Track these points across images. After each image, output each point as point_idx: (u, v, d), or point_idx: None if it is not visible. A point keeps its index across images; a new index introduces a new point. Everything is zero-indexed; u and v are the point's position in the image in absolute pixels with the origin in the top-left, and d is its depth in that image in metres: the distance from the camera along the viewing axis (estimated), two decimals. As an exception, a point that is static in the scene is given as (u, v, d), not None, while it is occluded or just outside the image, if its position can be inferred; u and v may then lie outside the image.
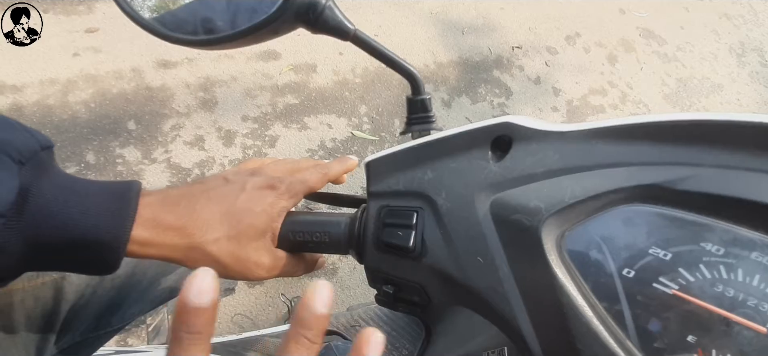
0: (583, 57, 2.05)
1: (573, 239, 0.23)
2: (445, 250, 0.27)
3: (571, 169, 0.24)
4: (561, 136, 0.25)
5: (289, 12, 0.27)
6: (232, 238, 0.29)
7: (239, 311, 1.13)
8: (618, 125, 0.24)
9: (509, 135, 0.27)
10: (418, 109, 0.35)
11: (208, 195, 0.30)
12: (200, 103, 1.41)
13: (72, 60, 1.36)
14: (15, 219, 0.23)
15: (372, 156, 0.31)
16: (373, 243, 0.30)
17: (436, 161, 0.29)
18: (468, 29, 1.94)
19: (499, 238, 0.25)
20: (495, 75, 1.85)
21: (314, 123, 1.49)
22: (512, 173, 0.26)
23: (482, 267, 0.25)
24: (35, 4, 1.43)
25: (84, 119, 1.28)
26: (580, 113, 1.87)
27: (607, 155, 0.24)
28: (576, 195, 0.23)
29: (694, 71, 2.22)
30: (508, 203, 0.25)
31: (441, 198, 0.28)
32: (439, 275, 0.28)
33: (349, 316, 0.94)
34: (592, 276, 0.22)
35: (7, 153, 0.23)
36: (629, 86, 2.03)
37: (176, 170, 1.28)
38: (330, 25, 0.29)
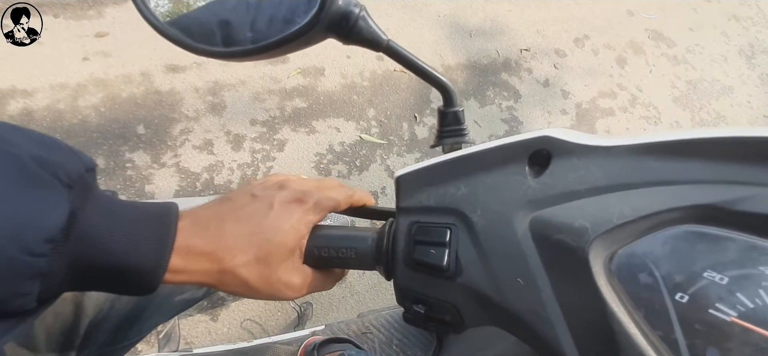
0: (592, 59, 2.04)
1: (622, 261, 0.22)
2: (481, 270, 0.26)
3: (618, 186, 0.23)
4: (605, 151, 0.24)
5: (321, 23, 0.26)
6: (262, 260, 0.29)
7: (248, 316, 1.12)
8: (669, 140, 0.23)
9: (548, 150, 0.26)
10: (450, 121, 0.34)
11: (236, 215, 0.29)
12: (209, 107, 1.41)
13: (82, 64, 1.37)
14: (62, 244, 0.22)
15: (402, 170, 0.31)
16: (404, 261, 0.29)
17: (469, 176, 0.28)
18: (476, 32, 1.93)
19: (540, 258, 0.24)
20: (503, 78, 1.84)
21: (322, 127, 1.48)
22: (553, 189, 0.25)
23: (523, 289, 0.24)
24: (46, 8, 1.44)
25: (94, 123, 1.28)
26: (590, 117, 1.85)
27: (658, 173, 0.23)
28: (625, 215, 0.22)
29: (704, 73, 2.20)
30: (549, 221, 0.24)
31: (476, 215, 0.27)
32: (475, 295, 0.27)
33: (360, 323, 0.93)
34: (645, 301, 0.21)
35: (57, 176, 0.22)
36: (639, 89, 2.01)
37: (185, 174, 1.28)
38: (363, 36, 0.29)
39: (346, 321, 0.88)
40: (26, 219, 0.21)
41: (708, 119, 2.04)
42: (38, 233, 0.21)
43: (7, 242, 0.20)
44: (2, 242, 0.20)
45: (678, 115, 2.00)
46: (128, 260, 0.24)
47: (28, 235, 0.21)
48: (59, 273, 0.23)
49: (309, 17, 0.26)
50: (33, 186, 0.21)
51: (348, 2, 0.27)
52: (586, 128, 1.82)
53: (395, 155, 1.50)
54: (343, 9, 0.27)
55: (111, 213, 0.25)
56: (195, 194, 1.26)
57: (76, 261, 0.23)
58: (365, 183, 1.42)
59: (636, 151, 0.24)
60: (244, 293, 0.30)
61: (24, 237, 0.20)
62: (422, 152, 1.54)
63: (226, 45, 0.28)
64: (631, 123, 1.90)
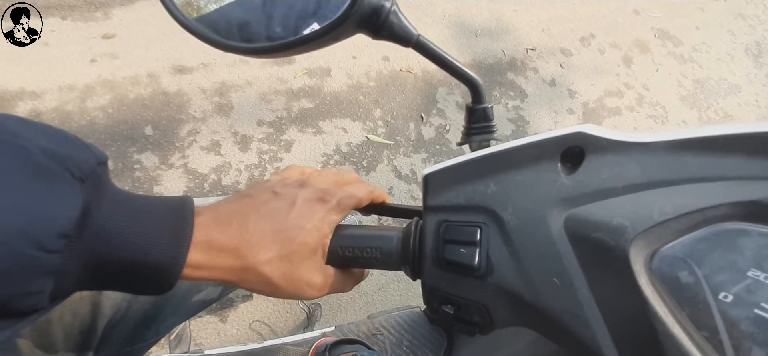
0: (598, 58, 2.03)
1: (663, 260, 0.22)
2: (513, 269, 0.26)
3: (657, 183, 0.23)
4: (642, 147, 0.24)
5: (352, 18, 0.26)
6: (285, 257, 0.28)
7: (257, 317, 1.12)
8: (710, 135, 0.22)
9: (581, 146, 0.26)
10: (479, 118, 0.33)
11: (258, 211, 0.29)
12: (216, 108, 1.41)
13: (90, 66, 1.37)
14: (76, 239, 0.22)
15: (430, 168, 0.30)
16: (433, 261, 0.29)
17: (499, 173, 0.28)
18: (481, 32, 1.93)
19: (577, 258, 0.24)
20: (509, 78, 1.83)
21: (329, 127, 1.48)
22: (587, 187, 0.25)
23: (558, 289, 0.24)
24: (54, 10, 1.44)
25: (102, 124, 1.29)
26: (597, 116, 1.84)
27: (699, 169, 0.22)
28: (666, 212, 0.22)
29: (710, 72, 2.19)
30: (586, 219, 0.24)
31: (507, 213, 0.27)
32: (507, 295, 0.26)
33: (370, 324, 0.93)
34: (688, 301, 0.21)
35: (69, 169, 0.22)
36: (646, 88, 2.00)
37: (193, 175, 1.28)
38: (393, 31, 0.28)
39: (356, 322, 0.87)
40: (38, 214, 0.20)
41: (715, 119, 2.03)
42: (51, 228, 0.20)
43: (18, 237, 0.19)
44: (13, 238, 0.19)
45: (685, 114, 1.99)
46: (145, 255, 0.24)
47: (41, 230, 0.20)
48: (73, 270, 0.22)
49: (340, 12, 0.25)
50: (44, 179, 0.20)
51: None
52: (593, 127, 1.81)
53: (402, 155, 1.50)
54: (374, 4, 0.26)
55: (126, 208, 0.24)
56: (203, 195, 1.26)
57: (90, 258, 0.22)
58: (372, 183, 1.41)
59: (674, 147, 0.23)
60: (265, 291, 0.29)
61: (36, 232, 0.20)
62: (429, 153, 1.53)
63: (255, 41, 0.27)
64: (638, 122, 1.89)
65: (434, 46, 0.31)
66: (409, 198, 1.42)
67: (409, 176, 1.46)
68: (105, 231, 0.23)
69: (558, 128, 1.85)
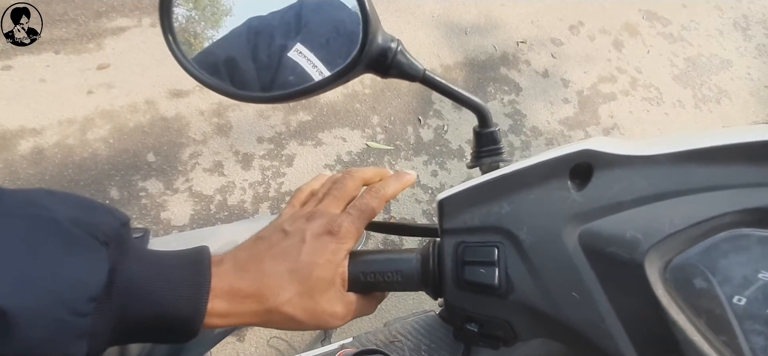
0: (589, 45, 2.05)
1: (677, 270, 0.23)
2: (533, 286, 0.27)
3: (665, 195, 0.24)
4: (648, 160, 0.25)
5: (362, 63, 0.27)
6: (304, 294, 0.29)
7: (274, 334, 1.13)
8: (713, 146, 0.24)
9: (589, 162, 0.27)
10: (487, 141, 0.34)
11: (272, 253, 0.30)
12: (215, 129, 1.42)
13: (87, 98, 1.38)
14: (105, 301, 0.23)
15: (444, 193, 0.31)
16: (453, 282, 0.30)
17: (512, 194, 0.29)
18: (471, 29, 1.94)
19: (594, 271, 0.25)
20: (502, 72, 1.84)
21: (328, 138, 1.49)
22: (598, 202, 0.26)
23: (579, 303, 0.25)
24: (47, 44, 1.45)
25: (104, 155, 1.29)
26: (592, 103, 1.86)
27: (705, 179, 0.23)
28: (676, 224, 0.23)
29: (701, 49, 2.21)
30: (599, 234, 0.25)
31: (522, 232, 0.28)
32: (528, 311, 0.28)
33: (387, 332, 0.94)
34: (704, 308, 0.22)
35: (95, 235, 0.23)
36: (638, 71, 2.02)
37: (198, 198, 1.29)
38: (401, 70, 0.29)
39: (374, 332, 0.89)
40: (70, 281, 0.21)
41: (710, 95, 2.05)
42: (82, 293, 0.22)
43: (53, 304, 0.21)
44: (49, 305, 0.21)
45: (679, 93, 2.01)
46: (168, 308, 0.25)
47: (73, 296, 0.21)
48: (104, 329, 0.23)
49: (350, 59, 0.26)
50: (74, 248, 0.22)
51: (386, 39, 0.28)
52: (589, 115, 1.83)
53: (403, 159, 1.51)
54: (382, 46, 0.28)
55: (148, 264, 0.26)
56: (210, 217, 1.27)
57: (118, 316, 0.24)
58: (376, 190, 1.42)
59: (679, 158, 0.24)
60: (290, 327, 0.30)
61: (69, 298, 0.21)
62: (429, 154, 1.55)
63: (268, 90, 0.29)
64: (634, 106, 1.90)
65: (440, 79, 0.32)
66: (413, 202, 1.43)
67: (412, 180, 1.47)
68: (130, 289, 0.24)
69: (555, 117, 1.84)
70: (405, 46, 0.29)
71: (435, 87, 0.32)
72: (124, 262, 0.24)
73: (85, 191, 1.23)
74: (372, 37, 0.26)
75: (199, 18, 0.28)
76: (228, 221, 1.28)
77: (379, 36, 0.27)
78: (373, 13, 0.26)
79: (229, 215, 1.29)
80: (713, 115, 1.99)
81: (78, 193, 1.20)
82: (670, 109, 1.95)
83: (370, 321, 1.20)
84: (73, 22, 1.50)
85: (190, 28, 0.28)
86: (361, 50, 0.26)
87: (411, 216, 1.41)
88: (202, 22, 0.28)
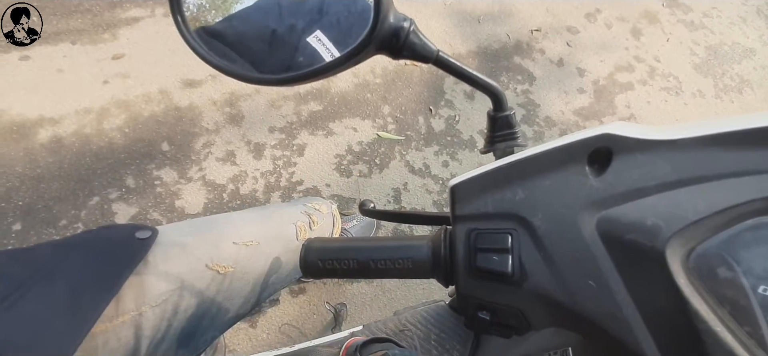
0: (606, 34, 1.99)
1: (700, 258, 0.22)
2: (547, 274, 0.26)
3: (689, 181, 0.23)
4: (671, 144, 0.24)
5: (374, 43, 0.26)
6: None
7: (285, 321, 1.14)
8: (741, 129, 0.22)
9: (608, 147, 0.26)
10: (501, 126, 0.34)
11: None
12: (228, 118, 1.43)
13: (103, 88, 1.40)
14: None
15: (457, 179, 0.31)
16: (465, 269, 0.29)
17: (526, 179, 0.28)
18: (484, 17, 1.91)
19: (611, 260, 0.24)
20: (516, 61, 1.81)
21: (339, 128, 1.49)
22: (617, 188, 0.25)
23: (595, 292, 0.25)
24: (63, 35, 1.47)
25: (120, 144, 1.32)
26: (608, 92, 1.82)
27: (731, 164, 0.22)
28: (700, 211, 0.22)
29: (723, 37, 2.13)
30: (618, 221, 0.24)
31: (537, 219, 0.27)
32: (542, 300, 0.27)
33: (397, 321, 0.94)
34: (729, 298, 0.21)
35: None
36: (657, 59, 1.96)
37: (211, 187, 1.31)
38: (414, 51, 0.29)
39: (384, 321, 0.89)
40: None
41: (731, 85, 1.98)
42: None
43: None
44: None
45: (700, 83, 1.95)
46: None
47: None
48: None
49: (361, 39, 0.26)
50: None
51: (398, 18, 0.27)
52: (605, 105, 1.79)
53: (414, 149, 1.50)
54: (393, 26, 0.27)
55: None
56: (223, 206, 1.29)
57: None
58: (386, 181, 1.42)
59: (704, 142, 0.23)
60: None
61: None
62: (440, 145, 1.53)
63: (278, 72, 0.28)
64: (651, 96, 1.85)
65: (454, 61, 0.31)
66: (424, 192, 1.42)
67: (423, 170, 1.47)
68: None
69: (570, 107, 1.80)
70: None
71: (449, 69, 0.31)
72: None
73: (102, 180, 1.25)
74: (384, 16, 0.25)
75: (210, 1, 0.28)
76: (240, 210, 1.30)
77: (391, 15, 0.26)
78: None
79: (241, 205, 1.30)
80: (734, 105, 1.92)
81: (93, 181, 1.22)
82: (690, 99, 1.89)
83: (381, 311, 1.21)
84: (89, 13, 1.52)
85: (201, 11, 0.28)
86: (373, 29, 0.26)
87: (421, 206, 1.40)
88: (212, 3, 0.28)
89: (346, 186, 1.39)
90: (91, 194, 1.23)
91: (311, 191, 1.36)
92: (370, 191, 1.40)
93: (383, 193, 1.40)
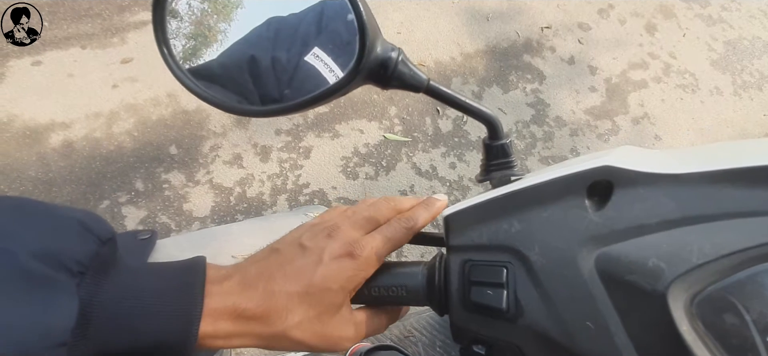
0: (619, 30, 1.94)
1: (705, 304, 0.21)
2: (544, 311, 0.25)
3: (694, 219, 0.22)
4: (675, 179, 0.23)
5: (361, 74, 0.25)
6: (314, 319, 0.28)
7: (290, 325, 1.15)
8: (752, 166, 0.21)
9: (609, 179, 0.25)
10: (497, 154, 0.32)
11: (284, 271, 0.28)
12: (234, 121, 1.44)
13: (112, 92, 1.42)
14: (80, 340, 0.21)
15: (451, 209, 0.30)
16: (459, 301, 0.29)
17: (523, 211, 0.27)
18: (493, 15, 1.87)
19: (611, 301, 0.23)
20: (525, 60, 1.78)
21: (346, 130, 1.48)
22: (618, 224, 0.24)
23: (594, 334, 0.23)
24: (74, 40, 1.49)
25: (129, 148, 1.33)
26: (621, 91, 1.77)
27: (740, 203, 0.21)
28: (706, 254, 0.21)
29: (742, 32, 2.06)
30: (618, 260, 0.23)
31: (534, 253, 0.26)
32: (539, 338, 0.26)
33: (402, 327, 0.93)
34: (735, 348, 0.20)
35: (66, 266, 0.21)
36: (672, 56, 1.91)
37: (219, 190, 1.31)
38: (403, 81, 0.28)
39: (389, 327, 0.88)
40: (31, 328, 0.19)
41: (751, 81, 1.91)
42: (45, 341, 0.19)
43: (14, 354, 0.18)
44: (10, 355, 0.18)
45: (717, 79, 1.89)
46: (154, 336, 0.23)
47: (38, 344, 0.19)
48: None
49: (348, 71, 0.25)
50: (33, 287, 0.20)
51: (386, 49, 0.26)
52: (617, 103, 1.74)
53: (421, 151, 1.49)
54: (381, 57, 0.26)
55: (132, 288, 0.23)
56: (230, 209, 1.29)
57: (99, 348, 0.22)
58: (393, 183, 1.41)
59: (712, 179, 0.22)
60: (297, 350, 0.29)
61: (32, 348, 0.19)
62: (448, 146, 1.52)
63: (264, 103, 0.28)
64: (666, 94, 1.80)
65: (445, 89, 0.30)
66: (431, 194, 1.41)
67: (430, 172, 1.45)
68: (110, 322, 0.22)
69: (581, 106, 1.76)
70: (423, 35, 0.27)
71: (441, 98, 0.30)
72: (101, 291, 0.22)
73: (112, 184, 1.27)
74: (370, 47, 0.24)
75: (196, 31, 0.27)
76: (247, 213, 1.30)
77: (378, 46, 0.25)
78: (370, 20, 0.25)
79: (248, 208, 1.31)
80: (754, 102, 1.86)
81: (104, 180, 1.24)
82: (707, 96, 1.83)
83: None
84: (98, 17, 1.54)
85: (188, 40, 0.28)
86: (359, 62, 0.25)
87: (428, 209, 1.39)
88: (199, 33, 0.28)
89: (352, 189, 1.39)
90: (101, 198, 1.25)
91: (317, 194, 1.36)
92: (376, 194, 1.39)
93: (389, 195, 1.39)
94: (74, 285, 0.21)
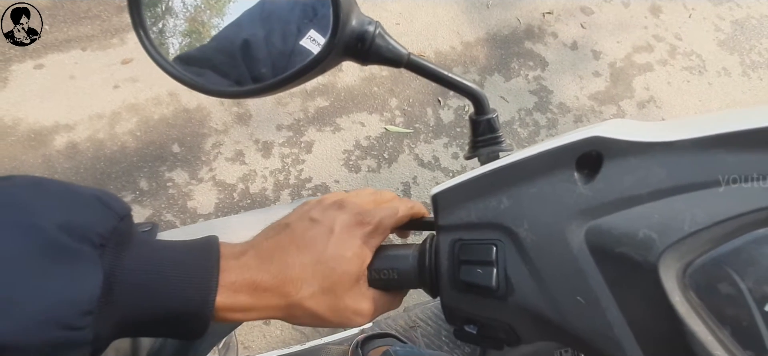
0: (623, 12, 1.91)
1: (698, 273, 0.20)
2: (534, 288, 0.25)
3: (686, 187, 0.21)
4: (667, 147, 0.22)
5: (337, 49, 0.25)
6: (328, 290, 0.28)
7: (295, 318, 1.15)
8: (747, 129, 0.20)
9: (598, 151, 0.24)
10: (484, 130, 0.32)
11: (297, 245, 0.29)
12: (235, 118, 1.44)
13: (114, 92, 1.42)
14: (104, 307, 0.22)
15: (438, 187, 0.29)
16: (449, 282, 0.28)
17: (512, 187, 0.26)
18: (493, 2, 1.85)
19: (601, 274, 0.22)
20: (527, 47, 1.75)
21: (347, 123, 1.48)
22: (607, 195, 0.23)
23: (585, 309, 0.23)
24: (74, 42, 1.50)
25: (132, 147, 1.34)
26: (626, 75, 1.74)
27: (733, 168, 0.20)
28: (698, 222, 0.20)
29: (750, 10, 2.01)
30: (608, 232, 0.22)
31: (523, 229, 0.25)
32: (530, 315, 0.25)
33: (407, 317, 0.93)
34: (730, 318, 0.19)
35: (88, 239, 0.22)
36: (678, 37, 1.87)
37: (222, 186, 1.32)
38: (382, 55, 0.27)
39: (394, 317, 0.88)
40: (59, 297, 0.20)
41: (760, 61, 1.87)
42: (74, 309, 0.20)
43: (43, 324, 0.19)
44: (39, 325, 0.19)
45: (725, 60, 1.84)
46: (173, 306, 0.24)
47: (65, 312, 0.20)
48: (104, 334, 0.23)
49: (322, 46, 0.24)
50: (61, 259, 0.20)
51: (362, 22, 0.26)
52: (622, 88, 1.71)
53: (423, 142, 1.48)
54: (357, 30, 0.25)
55: (150, 260, 0.24)
56: (233, 205, 1.30)
57: (120, 318, 0.23)
58: (395, 175, 1.41)
59: (703, 144, 0.21)
60: (314, 324, 0.29)
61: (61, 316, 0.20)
62: (449, 136, 1.50)
63: (241, 84, 0.27)
64: (672, 77, 1.77)
65: (427, 63, 0.29)
66: (433, 185, 1.40)
67: (433, 163, 1.44)
68: (131, 290, 0.23)
69: (585, 92, 1.74)
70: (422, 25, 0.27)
71: (423, 72, 0.29)
72: (122, 262, 0.23)
73: (116, 184, 1.28)
74: (344, 20, 0.24)
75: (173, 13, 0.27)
76: (250, 209, 1.31)
77: (353, 19, 0.25)
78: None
79: (252, 203, 1.31)
80: (763, 82, 1.82)
81: (104, 179, 1.26)
82: (714, 78, 1.80)
83: (391, 306, 1.20)
84: (97, 19, 1.55)
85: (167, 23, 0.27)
86: (334, 35, 0.24)
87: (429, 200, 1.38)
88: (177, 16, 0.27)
89: (355, 182, 1.39)
90: (106, 198, 1.26)
91: (320, 188, 1.36)
92: (379, 186, 1.38)
93: (392, 188, 1.39)
94: (98, 256, 0.22)
